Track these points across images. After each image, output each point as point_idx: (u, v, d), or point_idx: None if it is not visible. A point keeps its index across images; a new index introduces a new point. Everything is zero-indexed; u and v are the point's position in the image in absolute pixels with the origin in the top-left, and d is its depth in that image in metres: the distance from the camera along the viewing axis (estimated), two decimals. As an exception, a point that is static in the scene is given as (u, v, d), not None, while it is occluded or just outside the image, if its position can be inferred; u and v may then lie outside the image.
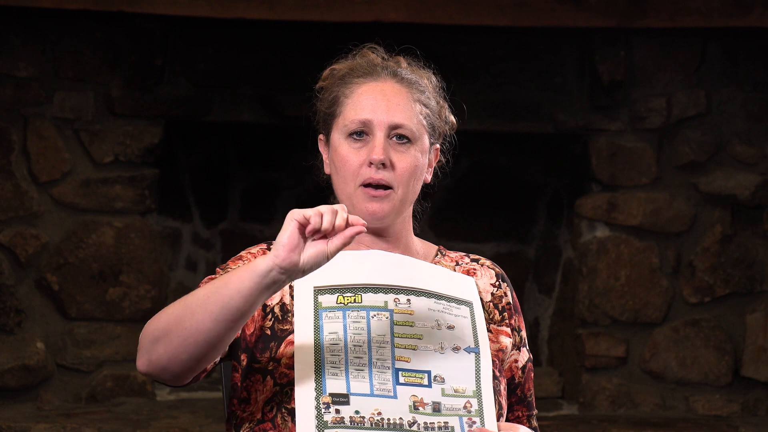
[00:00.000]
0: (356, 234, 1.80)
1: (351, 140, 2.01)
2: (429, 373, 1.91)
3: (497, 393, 1.99)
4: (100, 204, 4.37)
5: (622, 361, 4.53)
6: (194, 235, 4.93)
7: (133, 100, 4.36)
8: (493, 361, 2.01)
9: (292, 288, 1.97)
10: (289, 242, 1.77)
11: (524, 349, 2.11)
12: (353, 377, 1.86)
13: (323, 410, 1.84)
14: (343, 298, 1.93)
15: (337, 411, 1.84)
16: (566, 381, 4.68)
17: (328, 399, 1.85)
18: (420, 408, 1.88)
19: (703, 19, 4.24)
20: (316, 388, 1.85)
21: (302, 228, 1.78)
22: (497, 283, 2.11)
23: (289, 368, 1.92)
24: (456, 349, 1.94)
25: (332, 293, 1.93)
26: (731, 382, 4.54)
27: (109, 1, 4.08)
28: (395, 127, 2.01)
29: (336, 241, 1.79)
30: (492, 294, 2.10)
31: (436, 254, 2.13)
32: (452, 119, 2.13)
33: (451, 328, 1.95)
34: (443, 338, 1.93)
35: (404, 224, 2.08)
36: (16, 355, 4.29)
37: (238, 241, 4.97)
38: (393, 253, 2.01)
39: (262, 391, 1.94)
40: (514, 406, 2.11)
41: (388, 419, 1.85)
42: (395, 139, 2.01)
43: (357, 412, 1.85)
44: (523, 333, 2.12)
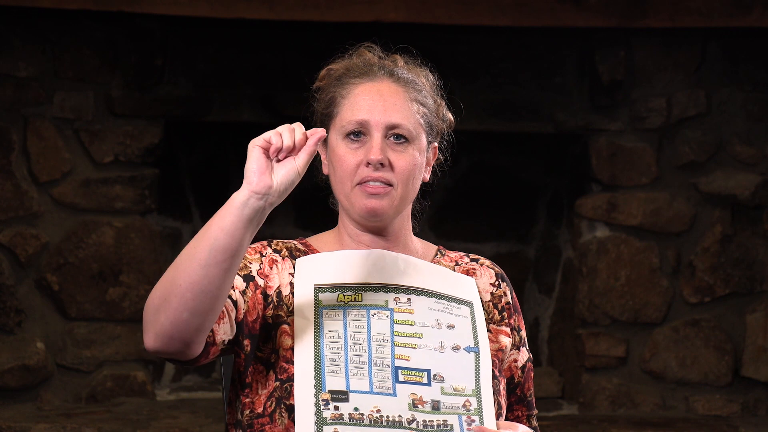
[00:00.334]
0: (319, 140, 1.85)
1: (348, 141, 2.01)
2: (429, 371, 1.91)
3: (497, 392, 2.00)
4: (100, 204, 4.37)
5: (622, 361, 4.53)
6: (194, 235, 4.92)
7: (133, 100, 4.36)
8: (493, 361, 2.01)
9: (292, 286, 1.98)
10: (257, 167, 1.83)
11: (524, 349, 2.11)
12: (353, 375, 1.87)
13: (322, 407, 1.84)
14: (344, 296, 1.94)
15: (336, 408, 1.85)
16: (566, 381, 4.68)
17: (328, 396, 1.85)
18: (419, 406, 1.88)
19: (703, 19, 4.24)
20: (315, 385, 1.86)
21: (266, 152, 1.83)
22: (497, 283, 2.12)
23: (288, 363, 1.92)
24: (456, 348, 1.94)
25: (333, 291, 1.94)
26: (731, 382, 4.54)
27: (109, 1, 4.08)
28: (392, 127, 2.00)
29: (302, 155, 1.85)
30: (491, 294, 2.10)
31: (436, 254, 2.13)
32: (450, 117, 2.13)
33: (451, 327, 1.96)
34: (443, 337, 1.94)
35: (403, 223, 2.07)
36: (16, 355, 4.29)
37: (237, 241, 4.95)
38: (394, 252, 2.01)
39: (265, 384, 1.94)
40: (514, 406, 2.11)
41: (387, 416, 1.86)
42: (393, 139, 2.01)
43: (356, 409, 1.85)
44: (523, 333, 2.12)
